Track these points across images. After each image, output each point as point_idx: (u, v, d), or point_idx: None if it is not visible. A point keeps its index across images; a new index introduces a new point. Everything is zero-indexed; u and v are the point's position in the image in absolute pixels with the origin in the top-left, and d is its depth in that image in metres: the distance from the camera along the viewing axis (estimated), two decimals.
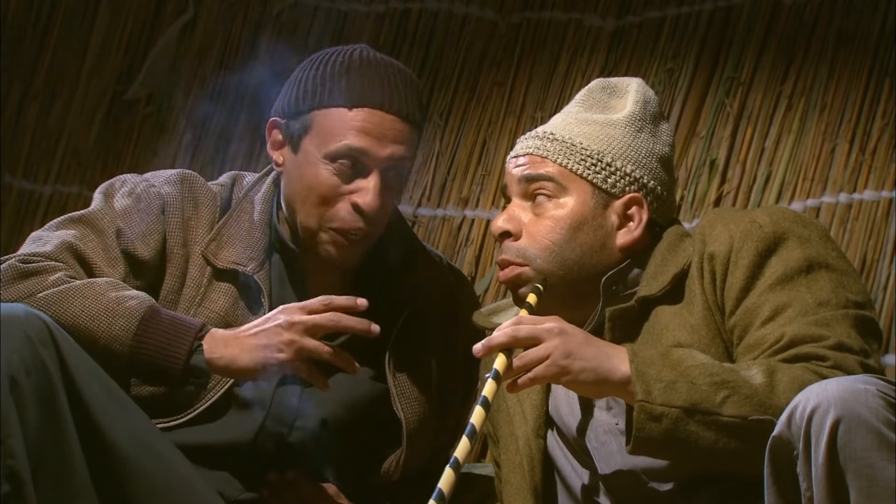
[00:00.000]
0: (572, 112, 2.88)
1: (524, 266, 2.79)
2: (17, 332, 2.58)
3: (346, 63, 2.93)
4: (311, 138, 2.92)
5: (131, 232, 2.92)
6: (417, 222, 4.35)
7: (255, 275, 2.94)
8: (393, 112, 2.91)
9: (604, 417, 2.80)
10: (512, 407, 2.90)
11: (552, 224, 2.79)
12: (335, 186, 2.91)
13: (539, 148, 2.83)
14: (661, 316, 2.75)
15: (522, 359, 2.58)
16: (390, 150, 2.91)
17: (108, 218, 2.93)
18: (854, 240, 3.82)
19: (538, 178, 2.81)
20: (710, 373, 2.55)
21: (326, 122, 2.91)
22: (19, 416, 2.56)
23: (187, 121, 4.71)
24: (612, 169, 2.81)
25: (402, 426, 2.97)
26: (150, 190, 2.97)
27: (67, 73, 4.85)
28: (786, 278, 2.69)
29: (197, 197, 2.99)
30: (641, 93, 2.88)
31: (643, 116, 2.86)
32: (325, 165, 2.90)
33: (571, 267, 2.79)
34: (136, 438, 2.67)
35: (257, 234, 2.97)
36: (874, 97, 3.87)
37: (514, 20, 4.39)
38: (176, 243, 2.95)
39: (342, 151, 2.89)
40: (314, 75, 2.94)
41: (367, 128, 2.90)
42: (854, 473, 2.33)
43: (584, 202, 2.80)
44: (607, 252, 2.80)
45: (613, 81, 2.92)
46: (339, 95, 2.91)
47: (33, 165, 4.85)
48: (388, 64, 2.97)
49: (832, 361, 2.58)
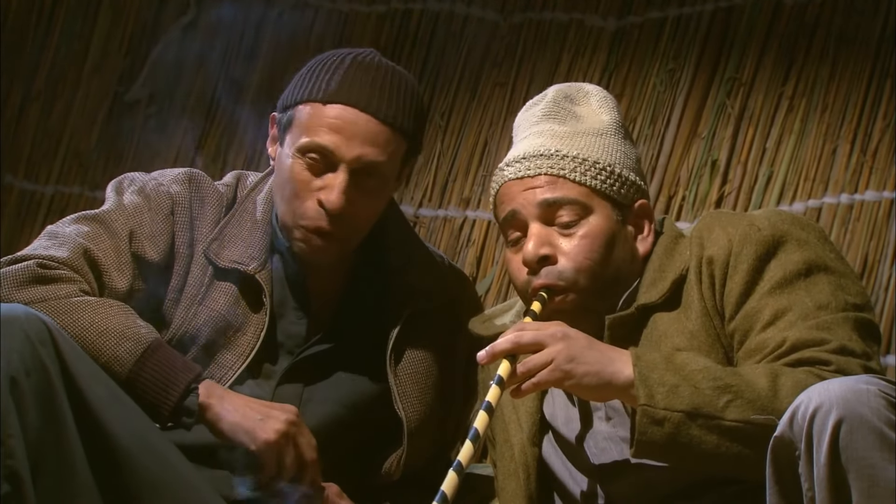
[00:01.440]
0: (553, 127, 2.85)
1: (569, 293, 2.76)
2: (16, 332, 2.58)
3: (340, 62, 2.92)
4: (290, 132, 2.91)
5: (142, 233, 2.92)
6: (419, 223, 4.35)
7: (256, 274, 2.94)
8: (370, 112, 2.87)
9: (603, 427, 2.79)
10: (508, 414, 2.90)
11: (589, 243, 2.77)
12: (305, 181, 2.89)
13: (552, 167, 2.80)
14: (659, 322, 2.75)
15: (526, 364, 2.58)
16: (360, 151, 2.87)
17: (122, 219, 2.93)
18: (855, 241, 3.82)
19: (560, 201, 2.78)
20: (713, 377, 2.55)
21: (302, 116, 2.90)
22: (19, 416, 2.55)
23: (189, 122, 4.71)
24: (622, 179, 2.81)
25: (403, 425, 2.97)
26: (160, 189, 2.97)
27: (69, 73, 4.86)
28: (785, 282, 2.69)
29: (203, 196, 3.00)
30: (609, 98, 2.88)
31: (622, 122, 2.86)
32: (297, 159, 2.89)
33: (608, 282, 2.77)
34: (137, 438, 2.67)
35: (259, 234, 2.97)
36: (875, 98, 3.87)
37: (515, 20, 4.39)
38: (182, 243, 2.95)
39: (309, 146, 2.87)
40: (307, 72, 2.93)
41: (337, 125, 2.87)
42: (856, 474, 2.33)
43: (608, 217, 2.79)
44: (636, 263, 2.81)
45: (565, 90, 2.89)
46: (317, 91, 2.89)
47: (34, 166, 4.85)
48: (385, 68, 2.94)
49: (835, 365, 2.58)
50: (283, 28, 4.63)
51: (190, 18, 4.75)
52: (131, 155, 4.75)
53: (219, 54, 4.71)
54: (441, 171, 4.38)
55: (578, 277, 2.76)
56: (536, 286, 2.76)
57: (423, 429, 3.00)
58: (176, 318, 2.92)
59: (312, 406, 2.94)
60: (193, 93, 4.72)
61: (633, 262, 2.81)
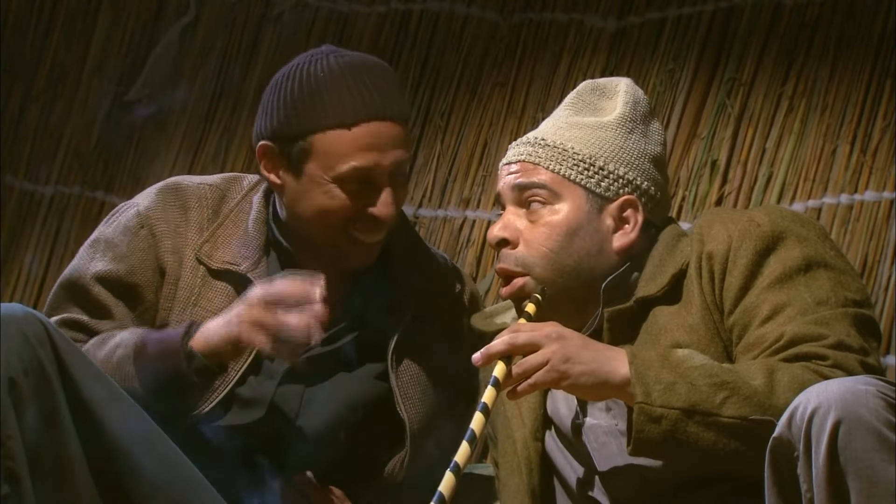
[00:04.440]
0: (562, 116, 2.88)
1: (525, 276, 2.80)
2: (14, 333, 2.58)
3: (327, 75, 2.92)
4: (315, 163, 2.91)
5: (117, 269, 2.97)
6: (419, 223, 4.35)
7: (248, 273, 2.95)
8: (388, 119, 2.92)
9: (604, 419, 2.80)
10: (510, 409, 2.90)
11: (548, 231, 2.79)
12: (349, 206, 2.92)
13: (531, 155, 2.83)
14: (659, 316, 2.75)
15: (522, 365, 2.59)
16: (394, 157, 2.92)
17: (93, 275, 2.98)
18: (855, 241, 3.82)
19: (531, 186, 2.82)
20: (709, 374, 2.56)
21: (328, 146, 2.90)
22: (18, 416, 2.56)
23: (189, 122, 4.71)
24: (604, 172, 2.81)
25: (406, 427, 2.97)
26: (129, 212, 3.02)
27: (69, 73, 4.86)
28: (784, 277, 2.69)
29: (184, 203, 3.02)
30: (631, 93, 2.88)
31: (633, 117, 2.86)
32: (334, 187, 2.91)
33: (570, 273, 2.79)
34: (138, 437, 2.67)
35: (253, 234, 2.99)
36: (875, 98, 3.87)
37: (515, 21, 4.39)
38: (165, 251, 2.98)
39: (351, 174, 2.90)
40: (300, 94, 2.92)
41: (369, 143, 2.90)
42: (854, 474, 2.33)
43: (578, 207, 2.80)
44: (604, 256, 2.80)
45: (602, 82, 2.92)
46: (333, 115, 2.90)
47: (34, 166, 4.85)
48: (363, 65, 2.96)
49: (832, 360, 2.58)
50: (283, 28, 4.63)
51: (190, 18, 4.75)
52: (131, 155, 4.75)
53: (219, 54, 4.71)
54: (441, 172, 4.38)
55: (534, 263, 2.78)
56: (497, 269, 2.84)
57: (426, 431, 3.00)
58: (171, 322, 2.95)
59: (314, 407, 2.94)
60: (193, 93, 4.72)
61: (599, 255, 2.81)
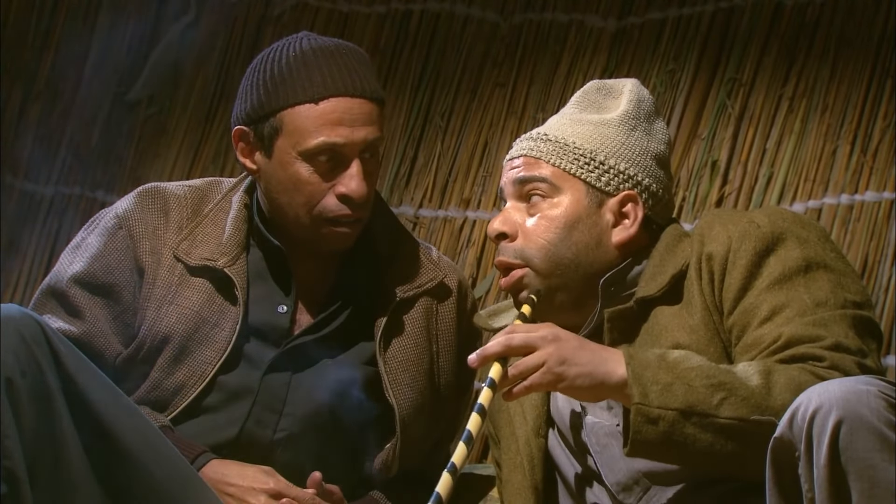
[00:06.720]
0: (567, 113, 2.89)
1: (524, 268, 2.80)
2: (11, 333, 2.58)
3: (299, 56, 2.95)
4: (284, 139, 2.94)
5: (94, 269, 2.99)
6: (419, 223, 4.36)
7: (226, 269, 2.97)
8: (358, 95, 2.94)
9: (605, 417, 2.79)
10: (512, 407, 2.90)
11: (547, 223, 2.80)
12: (319, 182, 2.94)
13: (533, 149, 2.84)
14: (659, 317, 2.75)
15: (518, 367, 2.58)
16: (363, 134, 2.93)
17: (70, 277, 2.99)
18: (855, 241, 3.82)
19: (532, 179, 2.82)
20: (706, 375, 2.55)
21: (296, 120, 2.93)
22: (15, 416, 2.55)
23: (189, 122, 4.71)
24: (605, 167, 2.82)
25: (395, 413, 2.97)
26: (108, 216, 3.04)
27: (69, 74, 4.85)
28: (784, 278, 2.69)
29: (162, 205, 3.04)
30: (636, 92, 2.89)
31: (637, 115, 2.86)
32: (303, 164, 2.94)
33: (568, 265, 2.79)
34: (137, 437, 2.67)
35: (231, 231, 3.01)
36: (875, 98, 3.87)
37: (515, 21, 4.39)
38: (144, 252, 3.00)
39: (319, 147, 2.92)
40: (271, 75, 2.95)
41: (337, 118, 2.92)
42: (856, 475, 2.32)
43: (577, 201, 2.81)
44: (603, 250, 2.81)
45: (609, 83, 2.93)
46: (302, 91, 2.93)
47: (35, 166, 4.85)
48: (336, 47, 2.99)
49: (829, 362, 2.58)
50: (284, 28, 4.63)
51: (190, 18, 4.75)
52: (131, 156, 4.75)
53: (219, 54, 4.71)
54: (441, 172, 4.38)
55: (533, 256, 2.79)
56: (496, 262, 2.85)
57: (416, 416, 3.00)
58: (146, 319, 2.96)
59: (300, 393, 2.95)
60: (193, 93, 4.72)
61: (598, 249, 2.81)
